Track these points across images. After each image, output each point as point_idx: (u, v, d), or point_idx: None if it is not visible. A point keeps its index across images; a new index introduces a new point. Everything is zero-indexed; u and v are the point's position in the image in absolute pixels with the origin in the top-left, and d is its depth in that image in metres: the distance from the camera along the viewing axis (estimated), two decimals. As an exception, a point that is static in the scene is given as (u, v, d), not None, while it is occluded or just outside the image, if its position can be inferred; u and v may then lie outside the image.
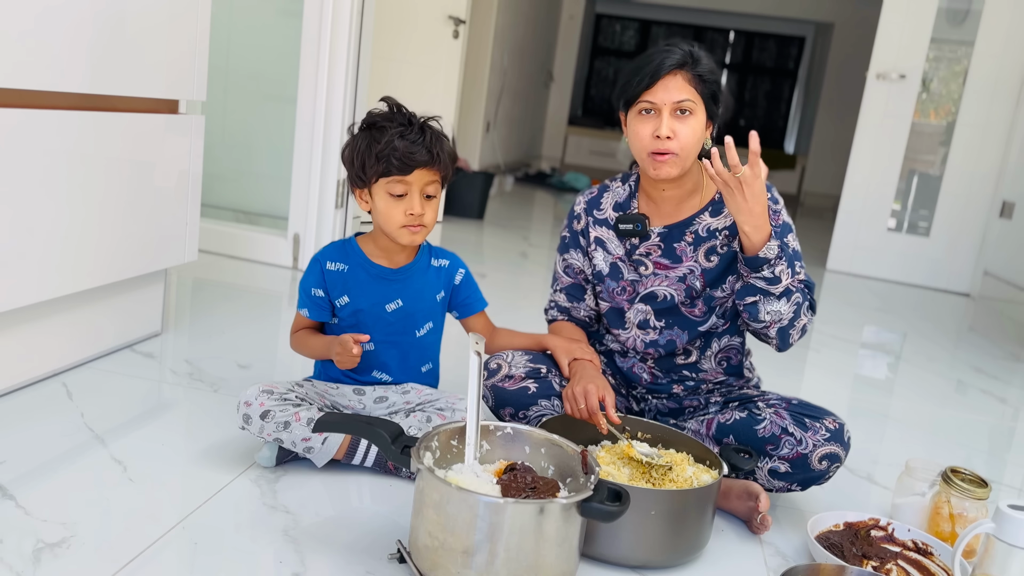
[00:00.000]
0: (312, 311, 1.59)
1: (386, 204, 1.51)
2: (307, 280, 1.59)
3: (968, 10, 4.39)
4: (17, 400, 1.69)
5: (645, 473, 1.45)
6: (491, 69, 5.66)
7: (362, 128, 1.53)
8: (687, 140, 1.49)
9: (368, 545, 1.31)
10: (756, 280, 1.48)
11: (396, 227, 1.52)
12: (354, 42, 3.04)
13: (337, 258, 1.59)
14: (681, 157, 1.50)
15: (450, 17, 4.22)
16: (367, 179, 1.52)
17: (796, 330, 1.54)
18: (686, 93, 1.49)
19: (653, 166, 1.51)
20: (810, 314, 1.55)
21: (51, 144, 1.65)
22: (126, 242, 1.92)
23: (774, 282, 1.47)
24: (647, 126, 1.50)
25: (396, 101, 1.54)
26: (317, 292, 1.58)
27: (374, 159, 1.48)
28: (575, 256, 1.71)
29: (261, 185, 3.37)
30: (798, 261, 1.54)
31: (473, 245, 4.17)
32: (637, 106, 1.51)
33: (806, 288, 1.55)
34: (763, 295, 1.49)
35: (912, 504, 1.56)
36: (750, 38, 10.44)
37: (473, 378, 1.28)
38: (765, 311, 1.50)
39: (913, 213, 4.64)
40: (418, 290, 1.62)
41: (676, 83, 1.48)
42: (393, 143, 1.47)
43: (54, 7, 1.61)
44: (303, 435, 1.46)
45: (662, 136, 1.48)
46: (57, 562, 1.16)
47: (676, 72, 1.49)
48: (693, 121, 1.50)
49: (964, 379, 2.87)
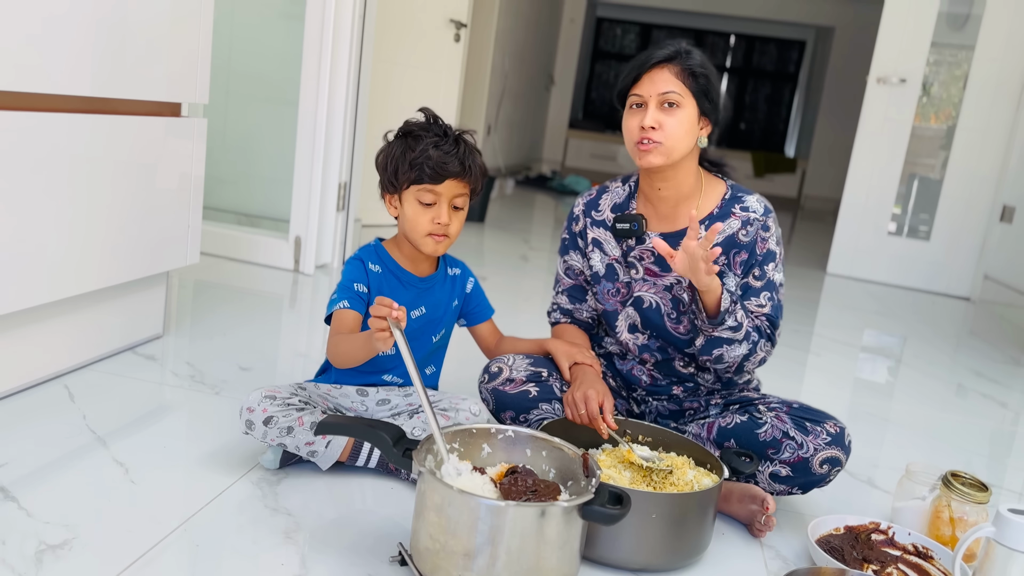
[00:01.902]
0: (352, 302, 1.53)
1: (415, 211, 1.53)
2: (350, 275, 1.56)
3: (968, 14, 4.39)
4: (19, 402, 1.69)
5: (646, 476, 1.45)
6: (492, 72, 5.66)
7: (398, 136, 1.56)
8: (672, 131, 1.50)
9: (369, 547, 1.31)
10: (721, 332, 1.52)
11: (421, 235, 1.54)
12: (355, 45, 3.05)
13: (375, 260, 1.59)
14: (666, 147, 1.51)
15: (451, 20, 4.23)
16: (398, 185, 1.54)
17: (753, 363, 1.58)
18: (672, 85, 1.50)
19: (639, 155, 1.53)
20: (768, 347, 1.59)
21: (53, 147, 1.66)
22: (128, 244, 1.92)
23: (737, 329, 1.51)
24: (635, 119, 1.53)
25: (433, 112, 1.57)
26: (360, 287, 1.55)
27: (407, 166, 1.51)
28: (575, 258, 1.72)
29: (262, 188, 3.37)
30: (769, 291, 1.58)
31: (474, 248, 4.17)
32: (628, 100, 1.55)
33: (768, 323, 1.58)
34: (727, 344, 1.53)
35: (912, 508, 1.56)
36: (751, 42, 10.45)
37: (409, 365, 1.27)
38: (730, 356, 1.55)
39: (913, 217, 4.65)
40: (439, 298, 1.64)
41: (663, 76, 1.51)
42: (428, 152, 1.50)
43: (59, 12, 1.61)
44: (307, 439, 1.47)
45: (646, 127, 1.50)
46: (59, 564, 1.16)
47: (663, 66, 1.51)
48: (680, 113, 1.51)
49: (964, 383, 2.87)
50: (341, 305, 1.52)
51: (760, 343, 1.56)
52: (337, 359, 1.48)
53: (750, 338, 1.53)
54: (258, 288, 2.91)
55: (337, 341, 1.48)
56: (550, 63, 8.49)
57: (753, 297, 1.58)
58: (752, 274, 1.58)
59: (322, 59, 2.97)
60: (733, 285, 1.58)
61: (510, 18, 6.01)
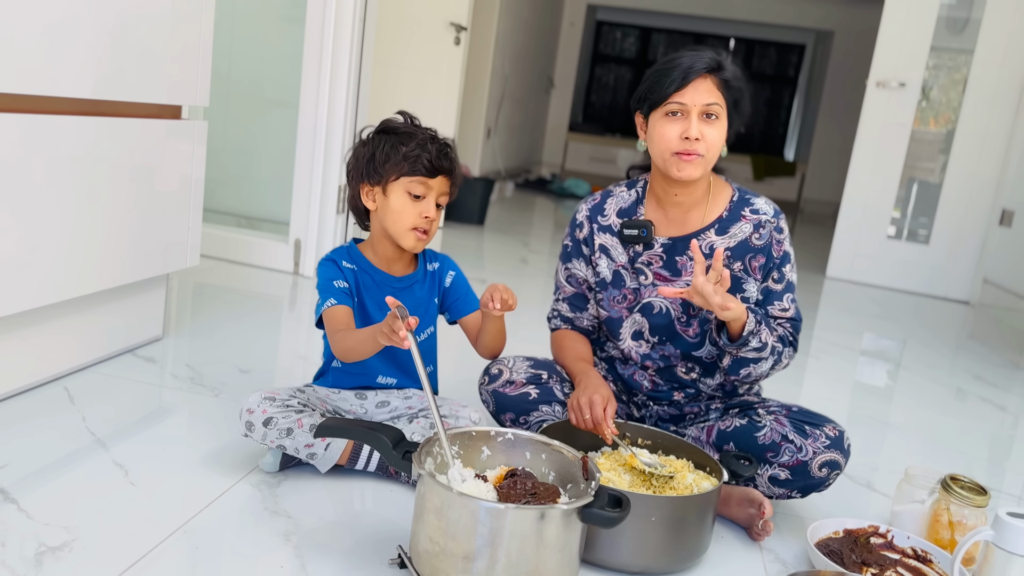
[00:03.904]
0: (339, 298, 1.52)
1: (402, 203, 1.53)
2: (327, 274, 1.55)
3: (968, 18, 4.40)
4: (19, 404, 1.69)
5: (646, 480, 1.45)
6: (492, 75, 5.67)
7: (381, 131, 1.56)
8: (713, 143, 1.50)
9: (369, 550, 1.31)
10: (747, 352, 1.52)
11: (406, 228, 1.53)
12: (356, 48, 3.05)
13: (347, 259, 1.59)
14: (706, 159, 1.51)
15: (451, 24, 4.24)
16: (384, 176, 1.53)
17: (777, 371, 1.59)
18: (714, 97, 1.49)
19: (678, 166, 1.51)
20: (792, 353, 1.59)
21: (54, 149, 1.66)
22: (128, 247, 1.93)
23: (762, 348, 1.52)
24: (674, 127, 1.50)
25: (411, 114, 1.59)
26: (341, 283, 1.54)
27: (400, 158, 1.51)
28: (577, 265, 1.70)
29: (262, 190, 3.38)
30: (790, 293, 1.59)
31: (474, 251, 4.17)
32: (665, 107, 1.50)
33: (791, 328, 1.59)
34: (754, 363, 1.53)
35: (911, 511, 1.57)
36: (750, 45, 10.46)
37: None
38: (757, 373, 1.56)
39: (913, 221, 4.65)
40: (420, 297, 1.62)
41: (706, 86, 1.49)
42: (426, 146, 1.52)
43: (60, 16, 1.62)
44: (306, 441, 1.47)
45: (691, 137, 1.48)
46: (59, 565, 1.16)
47: (706, 75, 1.49)
48: (720, 125, 1.51)
49: (964, 387, 2.87)
50: (329, 303, 1.51)
51: (784, 352, 1.56)
52: (346, 355, 1.47)
53: (775, 351, 1.54)
54: (258, 290, 2.91)
55: (342, 337, 1.47)
56: (550, 66, 8.50)
57: (776, 301, 1.59)
58: (772, 277, 1.59)
59: (322, 62, 2.98)
60: (754, 290, 1.59)
61: (510, 21, 6.02)
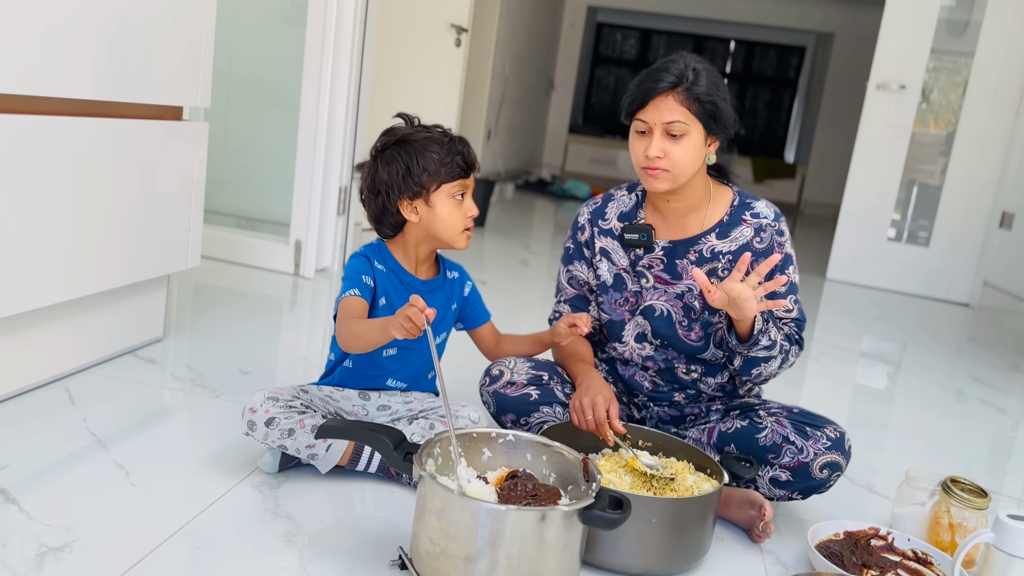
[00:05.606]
0: (362, 291, 1.51)
1: (450, 209, 1.53)
2: (357, 268, 1.54)
3: (968, 21, 4.40)
4: (20, 405, 1.69)
5: (646, 481, 1.45)
6: (492, 77, 5.67)
7: (392, 144, 1.53)
8: (678, 159, 1.50)
9: (370, 551, 1.31)
10: (757, 352, 1.52)
11: (457, 232, 1.54)
12: (357, 50, 3.05)
13: (379, 259, 1.58)
14: (673, 174, 1.51)
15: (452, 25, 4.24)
16: (426, 188, 1.51)
17: (784, 370, 1.60)
18: (677, 115, 1.48)
19: (646, 180, 1.55)
20: (798, 351, 1.60)
21: (55, 150, 1.66)
22: (129, 247, 1.93)
23: (772, 347, 1.52)
24: (641, 144, 1.53)
25: (412, 116, 1.57)
26: (367, 280, 1.53)
27: (437, 166, 1.50)
28: (579, 268, 1.71)
29: (263, 191, 3.38)
30: (794, 294, 1.60)
31: (474, 252, 4.17)
32: (632, 124, 1.54)
33: (796, 327, 1.60)
34: (764, 361, 1.54)
35: (912, 514, 1.57)
36: (751, 47, 10.47)
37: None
38: (767, 372, 1.56)
39: (913, 223, 4.65)
40: (439, 302, 1.63)
41: (667, 104, 1.48)
42: (455, 148, 1.51)
43: (61, 16, 1.62)
44: (307, 442, 1.47)
45: (650, 156, 1.50)
46: (60, 566, 1.16)
47: (668, 94, 1.48)
48: (686, 141, 1.50)
49: (964, 389, 2.87)
50: (352, 292, 1.50)
51: (792, 350, 1.57)
52: (349, 343, 1.44)
53: (783, 349, 1.55)
54: (258, 292, 2.91)
55: (350, 324, 1.44)
56: (550, 68, 8.51)
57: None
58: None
59: (323, 63, 2.98)
60: None
61: (511, 23, 6.03)
